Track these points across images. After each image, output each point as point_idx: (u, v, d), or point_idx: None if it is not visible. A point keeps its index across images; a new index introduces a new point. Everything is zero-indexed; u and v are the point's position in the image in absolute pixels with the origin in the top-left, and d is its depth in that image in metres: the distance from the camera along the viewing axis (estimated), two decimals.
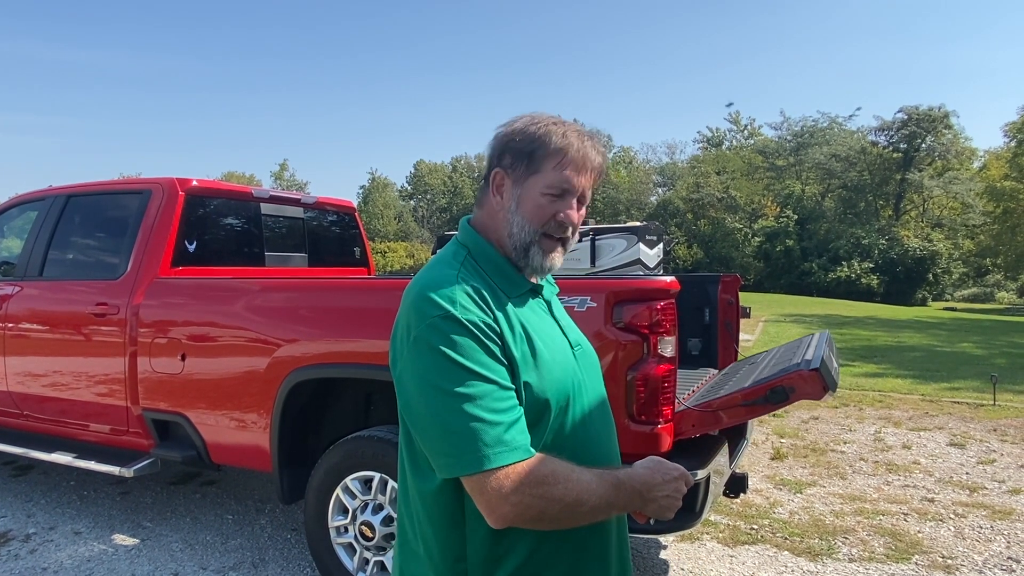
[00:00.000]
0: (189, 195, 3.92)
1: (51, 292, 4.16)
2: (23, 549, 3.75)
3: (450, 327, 1.10)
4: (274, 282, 3.53)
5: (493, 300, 1.17)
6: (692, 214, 47.22)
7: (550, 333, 1.24)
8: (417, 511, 1.20)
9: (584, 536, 1.20)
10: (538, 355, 1.17)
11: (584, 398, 1.24)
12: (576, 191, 1.22)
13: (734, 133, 58.46)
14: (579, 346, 1.30)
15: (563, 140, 1.20)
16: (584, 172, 1.22)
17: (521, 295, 1.24)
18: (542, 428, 1.16)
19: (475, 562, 1.15)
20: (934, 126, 42.32)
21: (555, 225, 1.22)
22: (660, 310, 2.55)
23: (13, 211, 4.78)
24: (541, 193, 1.21)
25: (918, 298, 38.95)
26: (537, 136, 1.21)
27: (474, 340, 1.10)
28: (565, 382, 1.20)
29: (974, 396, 8.05)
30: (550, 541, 1.17)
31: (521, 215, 1.22)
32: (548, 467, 1.08)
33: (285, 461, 3.27)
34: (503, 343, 1.13)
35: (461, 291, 1.14)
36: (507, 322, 1.16)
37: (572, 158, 1.20)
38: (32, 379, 4.17)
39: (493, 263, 1.23)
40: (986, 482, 4.91)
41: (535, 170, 1.21)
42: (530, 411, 1.14)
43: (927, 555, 3.68)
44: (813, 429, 6.47)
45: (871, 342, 14.19)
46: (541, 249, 1.22)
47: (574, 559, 1.20)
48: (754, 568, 3.53)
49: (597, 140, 1.25)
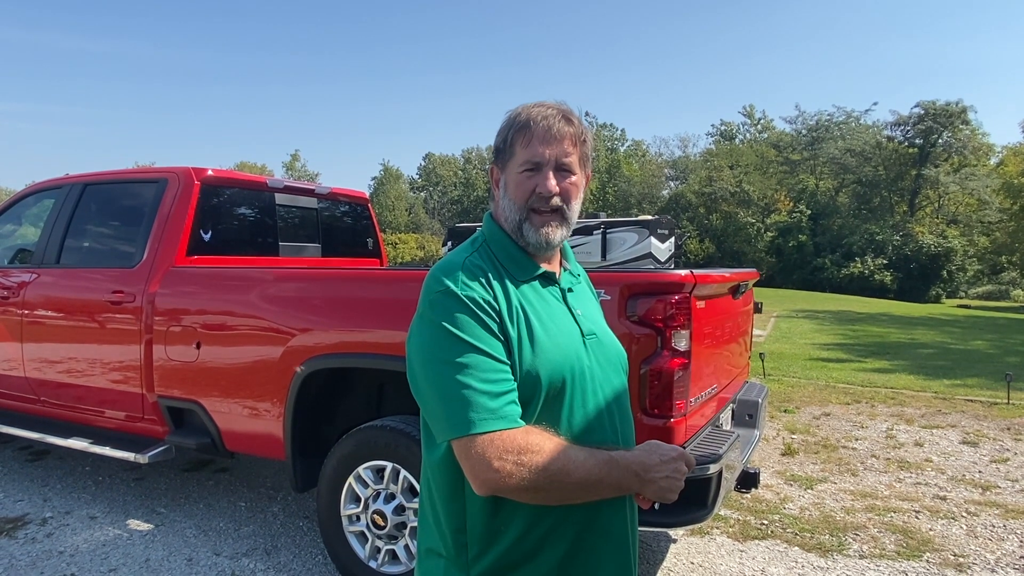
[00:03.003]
0: (205, 184, 3.94)
1: (68, 280, 4.20)
2: (40, 533, 3.80)
3: (449, 302, 1.18)
4: (288, 272, 3.55)
5: (498, 282, 1.23)
6: (704, 208, 46.95)
7: (555, 318, 1.27)
8: (428, 482, 1.28)
9: (590, 515, 1.21)
10: (535, 337, 1.21)
11: (589, 386, 1.25)
12: (547, 161, 1.26)
13: (747, 127, 58.06)
14: (593, 336, 1.31)
15: (525, 118, 1.27)
16: (553, 142, 1.26)
17: (530, 280, 1.29)
18: (532, 408, 1.19)
19: (474, 534, 1.20)
20: (951, 121, 41.79)
21: (537, 198, 1.27)
22: (675, 304, 2.55)
23: (30, 199, 4.82)
24: (518, 172, 1.28)
25: (932, 295, 38.56)
26: (507, 124, 1.30)
27: (471, 315, 1.17)
28: (563, 367, 1.21)
29: (987, 394, 7.99)
30: (550, 517, 1.19)
31: (509, 197, 1.30)
32: (533, 438, 1.12)
33: (298, 450, 3.30)
34: (500, 320, 1.19)
35: (464, 271, 1.22)
36: (507, 302, 1.21)
37: (535, 132, 1.26)
38: (49, 365, 4.22)
39: (505, 249, 1.30)
40: (999, 481, 4.87)
41: (511, 154, 1.29)
42: (520, 389, 1.18)
43: (939, 553, 3.67)
44: (825, 425, 6.45)
45: (884, 339, 14.10)
46: (532, 225, 1.27)
47: (577, 538, 1.21)
48: (764, 563, 3.53)
49: (562, 109, 1.29)
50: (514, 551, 1.19)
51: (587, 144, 1.32)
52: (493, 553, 1.20)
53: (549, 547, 1.20)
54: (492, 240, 1.32)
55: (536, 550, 1.19)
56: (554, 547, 1.20)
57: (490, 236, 1.32)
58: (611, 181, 54.81)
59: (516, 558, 1.19)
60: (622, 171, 55.63)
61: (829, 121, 48.51)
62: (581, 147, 1.30)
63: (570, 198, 1.29)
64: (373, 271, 4.06)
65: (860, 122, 47.76)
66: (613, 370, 1.33)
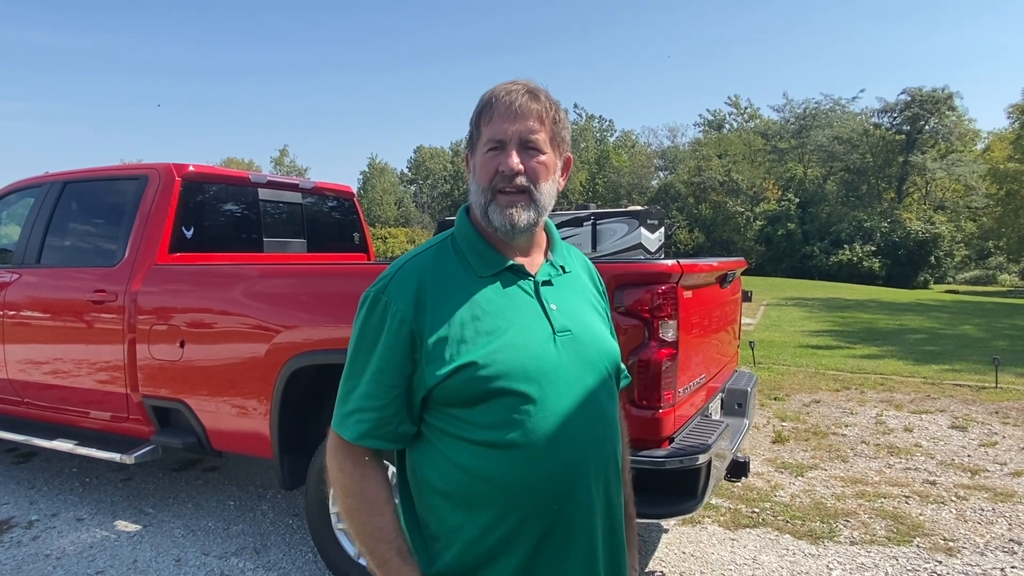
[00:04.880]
0: (186, 181, 3.89)
1: (49, 279, 4.14)
2: (26, 536, 3.76)
3: (366, 305, 1.22)
4: (273, 268, 3.51)
5: (449, 280, 1.20)
6: (693, 198, 47.00)
7: (518, 315, 1.20)
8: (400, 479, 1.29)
9: (553, 521, 1.16)
10: (490, 335, 1.15)
11: (552, 386, 1.17)
12: (510, 139, 1.19)
13: (734, 116, 58.09)
14: (567, 332, 1.22)
15: (488, 96, 1.22)
16: (516, 118, 1.19)
17: (496, 274, 1.22)
18: (489, 408, 1.14)
19: (430, 533, 1.20)
20: (937, 108, 41.96)
21: (501, 178, 1.20)
22: (662, 294, 2.53)
23: (10, 198, 4.75)
24: (483, 153, 1.22)
25: (920, 281, 38.81)
26: (475, 108, 1.24)
27: (377, 322, 1.19)
28: (514, 366, 1.15)
29: (976, 379, 8.04)
30: (509, 520, 1.15)
31: (476, 180, 1.24)
32: (358, 472, 1.19)
33: (285, 447, 3.26)
34: (415, 330, 1.17)
35: (399, 275, 1.21)
36: (451, 303, 1.18)
37: (497, 109, 1.20)
38: (32, 367, 4.16)
39: (470, 243, 1.25)
40: (988, 464, 4.91)
41: (478, 136, 1.23)
42: (468, 389, 1.14)
43: (929, 538, 3.68)
44: (814, 412, 6.47)
45: (872, 325, 14.18)
46: (497, 206, 1.21)
47: (538, 544, 1.16)
48: (755, 551, 3.54)
49: (528, 86, 1.23)
50: (469, 553, 1.16)
51: (559, 124, 1.24)
52: (450, 554, 1.17)
53: (510, 550, 1.16)
54: (459, 233, 1.27)
55: (496, 554, 1.16)
56: (515, 550, 1.16)
57: (457, 229, 1.28)
58: (600, 172, 54.80)
59: (472, 561, 1.16)
60: (611, 162, 55.61)
61: (816, 109, 48.65)
62: (552, 126, 1.22)
63: (538, 178, 1.21)
64: (359, 266, 4.02)
65: (847, 109, 47.93)
66: (590, 369, 1.23)
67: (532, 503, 1.15)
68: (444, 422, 1.18)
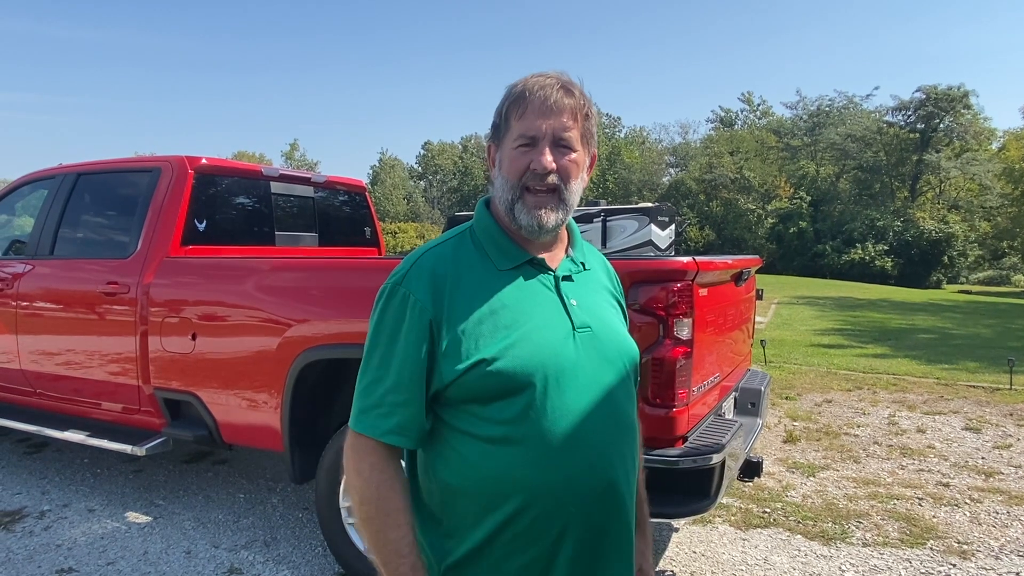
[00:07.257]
0: (199, 173, 3.88)
1: (62, 271, 4.16)
2: (38, 526, 3.78)
3: (385, 296, 1.18)
4: (284, 261, 3.50)
5: (468, 273, 1.17)
6: (705, 195, 46.79)
7: (538, 310, 1.18)
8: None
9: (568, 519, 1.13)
10: (508, 329, 1.13)
11: (571, 383, 1.15)
12: (543, 135, 1.16)
13: (747, 113, 57.75)
14: (587, 328, 1.20)
15: (520, 89, 1.18)
16: (550, 115, 1.15)
17: (516, 268, 1.20)
18: (506, 404, 1.12)
19: (443, 531, 1.18)
20: (952, 106, 41.52)
21: (531, 176, 1.16)
22: (677, 292, 2.50)
23: (24, 189, 4.77)
24: (512, 148, 1.18)
25: (933, 281, 38.47)
26: (504, 98, 1.20)
27: (397, 314, 1.15)
28: (532, 361, 1.13)
29: (990, 380, 7.96)
30: (525, 518, 1.12)
31: (503, 175, 1.20)
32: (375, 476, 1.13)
33: (296, 441, 3.26)
34: (436, 321, 1.14)
35: (417, 266, 1.18)
36: (470, 296, 1.15)
37: (531, 103, 1.16)
38: (45, 358, 4.18)
39: (490, 236, 1.23)
40: (1002, 467, 4.85)
41: (507, 129, 1.19)
42: (484, 384, 1.12)
43: (942, 540, 3.64)
44: (826, 412, 6.42)
45: (885, 325, 14.07)
46: (525, 205, 1.18)
47: (555, 543, 1.14)
48: (767, 552, 3.51)
49: (562, 79, 1.19)
50: (483, 550, 1.14)
51: (590, 120, 1.20)
52: (462, 549, 1.15)
53: (523, 550, 1.13)
54: (478, 225, 1.24)
55: (509, 552, 1.14)
56: (527, 551, 1.14)
57: (477, 222, 1.25)
58: (611, 168, 54.60)
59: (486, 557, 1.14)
60: (622, 158, 55.40)
61: (830, 106, 48.25)
62: (583, 122, 1.19)
63: (569, 177, 1.18)
64: (371, 260, 4.01)
65: (861, 107, 47.47)
66: (609, 367, 1.21)
67: (548, 500, 1.13)
68: (458, 419, 1.16)
